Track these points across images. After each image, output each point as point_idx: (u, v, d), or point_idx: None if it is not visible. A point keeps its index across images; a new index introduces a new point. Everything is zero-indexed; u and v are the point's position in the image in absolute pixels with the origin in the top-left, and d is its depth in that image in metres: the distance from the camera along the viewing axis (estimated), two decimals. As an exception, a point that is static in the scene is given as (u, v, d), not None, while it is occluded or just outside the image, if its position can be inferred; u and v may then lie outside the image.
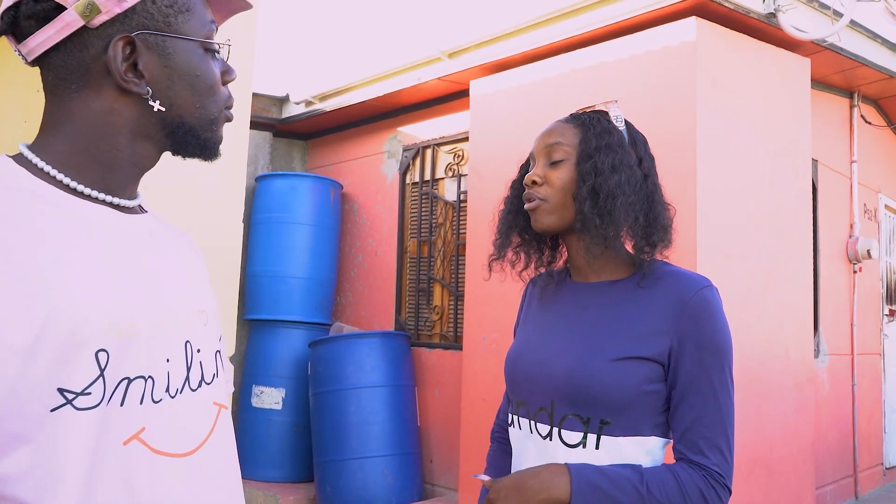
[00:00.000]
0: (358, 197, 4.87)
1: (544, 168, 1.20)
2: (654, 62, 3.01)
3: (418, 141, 4.50)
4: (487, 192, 3.61)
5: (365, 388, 3.87)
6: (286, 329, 4.38)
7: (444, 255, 4.28)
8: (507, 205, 1.29)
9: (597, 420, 1.11)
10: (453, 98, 4.24)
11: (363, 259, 4.79)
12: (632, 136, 1.21)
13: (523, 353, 1.23)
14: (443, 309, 4.26)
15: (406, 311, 4.48)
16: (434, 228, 4.35)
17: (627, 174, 1.15)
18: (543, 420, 1.15)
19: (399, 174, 4.59)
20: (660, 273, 1.16)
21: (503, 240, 1.27)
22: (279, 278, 4.37)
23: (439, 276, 4.29)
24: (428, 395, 4.18)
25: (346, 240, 4.89)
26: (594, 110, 1.22)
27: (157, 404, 0.76)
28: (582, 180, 1.15)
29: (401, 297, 4.53)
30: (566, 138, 1.20)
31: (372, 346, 3.96)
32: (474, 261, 3.67)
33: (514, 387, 1.24)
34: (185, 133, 0.83)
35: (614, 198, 1.13)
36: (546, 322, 1.25)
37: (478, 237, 3.64)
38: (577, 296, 1.23)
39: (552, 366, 1.16)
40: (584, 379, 1.12)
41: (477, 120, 3.74)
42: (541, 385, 1.17)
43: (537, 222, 1.19)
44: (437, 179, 4.39)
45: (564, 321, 1.21)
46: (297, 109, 4.93)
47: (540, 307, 1.29)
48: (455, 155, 4.27)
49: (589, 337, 1.16)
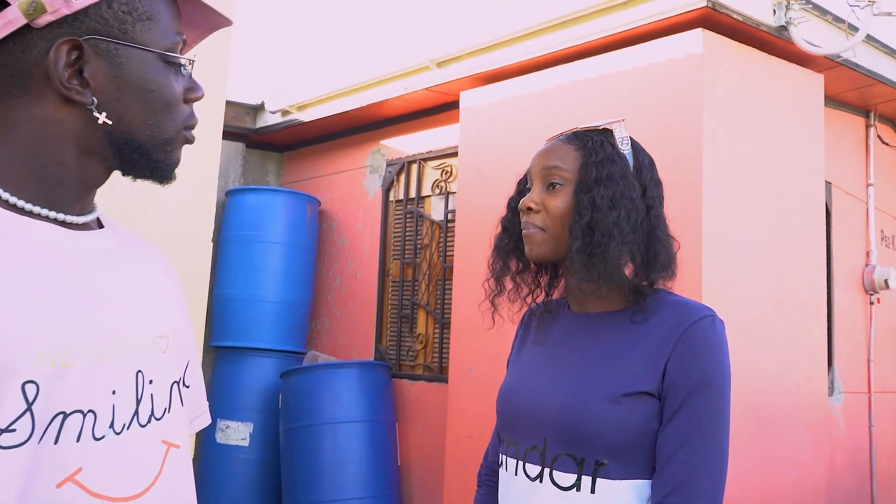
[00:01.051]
0: (337, 214, 4.85)
1: (541, 193, 1.20)
2: (658, 76, 3.03)
3: (403, 155, 4.50)
4: (477, 211, 3.61)
5: (341, 424, 3.85)
6: (256, 357, 4.37)
7: (429, 278, 4.27)
8: (506, 224, 1.29)
9: (592, 461, 1.10)
10: (442, 110, 4.25)
11: (341, 282, 4.77)
12: (638, 161, 1.22)
13: (516, 389, 1.23)
14: (427, 338, 4.26)
15: (387, 339, 4.47)
16: (419, 250, 4.34)
17: (628, 209, 1.16)
18: (534, 460, 1.15)
19: (382, 191, 4.58)
20: (661, 303, 1.18)
21: (502, 266, 1.28)
22: (249, 302, 4.38)
23: (424, 302, 4.28)
24: (410, 431, 4.16)
25: (324, 261, 4.88)
26: (598, 130, 1.22)
27: (98, 442, 0.73)
28: (578, 214, 1.16)
29: (382, 324, 4.52)
30: (565, 162, 1.20)
31: (349, 377, 3.96)
32: (462, 286, 3.66)
33: (505, 425, 1.24)
34: (134, 151, 0.81)
35: (609, 237, 1.14)
36: (541, 355, 1.25)
37: (466, 260, 3.65)
38: (574, 327, 1.23)
39: (545, 401, 1.16)
40: (579, 416, 1.12)
41: (467, 134, 3.75)
42: (533, 422, 1.17)
43: (531, 252, 1.20)
44: (423, 197, 4.40)
45: (560, 354, 1.22)
46: (272, 119, 4.94)
47: (536, 339, 1.29)
48: (443, 171, 4.27)
49: (585, 371, 1.16)
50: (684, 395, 1.09)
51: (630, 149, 1.22)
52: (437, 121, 4.34)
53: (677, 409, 1.09)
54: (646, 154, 1.24)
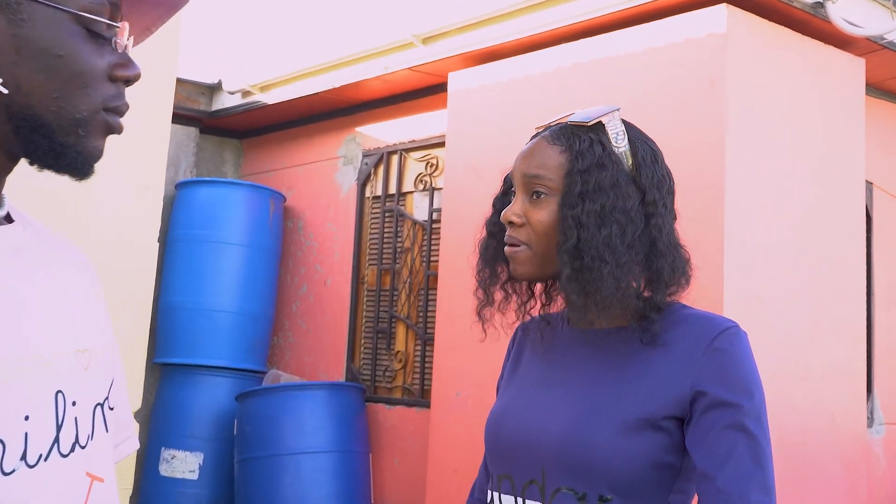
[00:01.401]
0: (304, 212, 4.86)
1: (524, 204, 1.21)
2: (675, 57, 3.03)
3: (382, 145, 4.51)
4: (467, 210, 3.61)
5: (306, 455, 3.85)
6: (207, 376, 4.36)
7: (410, 287, 4.28)
8: (491, 228, 1.30)
9: (595, 496, 1.12)
10: (427, 93, 4.24)
11: (308, 290, 4.78)
12: (636, 160, 1.21)
13: (509, 416, 1.24)
14: (407, 356, 4.28)
15: (361, 357, 4.49)
16: (399, 254, 4.35)
17: (621, 224, 1.16)
18: (534, 496, 1.16)
19: (357, 185, 4.60)
20: (676, 317, 1.19)
21: (490, 274, 1.28)
22: (200, 312, 4.38)
23: (404, 315, 4.29)
24: (385, 464, 4.17)
25: (288, 265, 4.89)
26: (588, 126, 1.22)
27: (7, 477, 0.71)
28: (563, 235, 1.17)
29: (354, 339, 4.53)
30: (549, 169, 1.21)
31: (316, 400, 3.96)
32: (448, 296, 3.65)
33: (496, 456, 1.24)
34: (34, 130, 0.77)
35: (601, 261, 1.14)
36: (538, 377, 1.26)
37: (453, 267, 3.64)
38: (577, 345, 1.24)
39: (544, 429, 1.17)
40: (581, 445, 1.13)
41: (456, 121, 3.75)
42: (530, 452, 1.18)
43: (515, 270, 1.21)
44: (404, 193, 4.40)
45: (561, 375, 1.23)
46: (231, 101, 4.94)
47: (531, 359, 1.30)
48: (427, 164, 4.28)
49: (590, 395, 1.17)
50: (720, 411, 1.10)
51: (626, 145, 1.21)
52: (421, 106, 4.33)
53: (715, 432, 1.10)
54: (647, 146, 1.24)
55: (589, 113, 1.23)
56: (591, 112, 1.23)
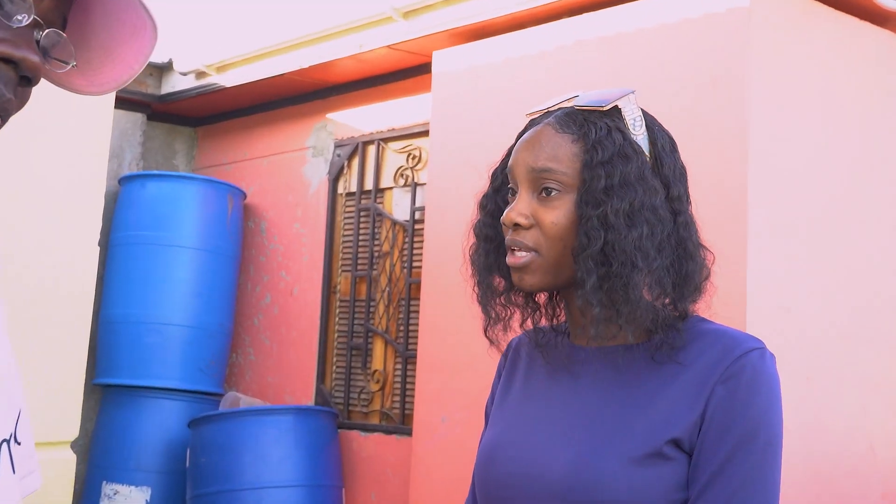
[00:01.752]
0: (267, 211, 4.84)
1: (531, 202, 1.20)
2: (692, 34, 3.02)
3: (357, 134, 4.50)
4: (454, 209, 3.55)
5: (270, 490, 3.82)
6: (155, 400, 4.32)
7: (389, 297, 4.27)
8: (481, 233, 1.30)
9: None
10: (408, 75, 4.23)
11: (272, 300, 4.76)
12: (656, 149, 1.21)
13: (503, 448, 1.24)
14: (386, 376, 4.26)
15: (333, 377, 4.47)
16: (376, 259, 4.35)
17: (651, 223, 1.16)
18: None
19: (328, 180, 4.58)
20: (694, 333, 1.19)
21: (485, 289, 1.27)
22: (148, 326, 4.35)
23: (382, 329, 4.27)
24: (361, 499, 4.14)
25: (249, 272, 4.87)
26: (602, 111, 1.21)
27: None
28: (586, 237, 1.16)
29: (325, 357, 4.51)
30: (561, 162, 1.19)
31: (282, 427, 3.93)
32: (433, 308, 3.63)
33: (488, 494, 1.23)
34: None
35: (632, 267, 1.14)
36: (536, 402, 1.25)
37: (439, 274, 3.61)
38: (579, 365, 1.24)
39: (545, 464, 1.17)
40: (590, 483, 1.13)
41: (441, 107, 3.73)
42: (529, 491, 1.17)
43: (522, 281, 1.20)
44: (382, 189, 4.39)
45: (561, 401, 1.22)
46: (184, 83, 4.90)
47: (527, 381, 1.29)
48: (409, 156, 4.27)
49: (598, 423, 1.17)
50: (727, 451, 1.11)
51: (644, 132, 1.21)
52: (401, 89, 4.30)
53: (717, 470, 1.11)
54: (665, 134, 1.24)
55: (601, 95, 1.22)
56: (603, 94, 1.22)
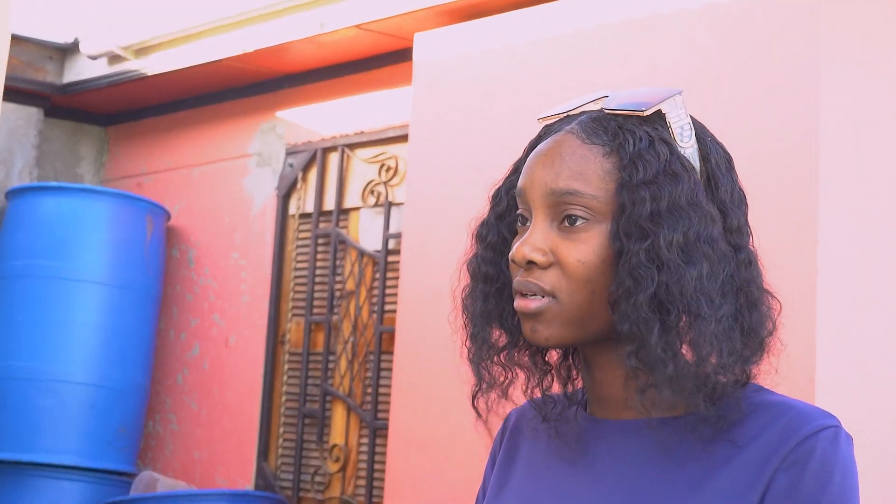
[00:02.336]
0: (198, 236, 4.82)
1: (550, 234, 1.21)
2: (746, 18, 3.04)
3: (315, 138, 4.51)
4: (439, 236, 3.56)
5: None
6: (48, 480, 4.31)
7: (353, 350, 4.28)
8: (478, 271, 1.31)
9: None
10: (383, 63, 4.24)
11: (202, 352, 4.75)
12: (708, 166, 1.24)
13: None
14: (348, 452, 4.26)
15: (279, 453, 4.46)
16: (338, 301, 4.36)
17: (711, 259, 1.18)
18: None
19: (277, 197, 4.58)
20: (750, 405, 1.20)
21: (480, 344, 1.29)
22: (41, 384, 4.37)
23: (344, 391, 4.28)
24: None
25: (172, 315, 4.86)
26: (641, 117, 1.23)
27: None
28: (631, 277, 1.17)
29: (270, 426, 4.50)
30: (590, 182, 1.20)
31: (212, 518, 4.00)
32: (409, 364, 3.63)
33: None
34: None
35: (697, 315, 1.16)
36: (541, 494, 1.27)
37: (419, 320, 3.60)
38: (601, 445, 1.25)
39: None
40: None
41: (425, 104, 3.75)
42: None
43: (536, 334, 1.22)
44: (346, 210, 4.41)
45: (574, 493, 1.24)
46: (92, 69, 4.92)
47: (529, 467, 1.32)
48: (383, 167, 4.29)
49: None
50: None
51: (694, 144, 1.23)
52: (374, 81, 4.31)
53: None
54: (719, 148, 1.26)
55: (639, 96, 1.24)
56: (642, 95, 1.24)
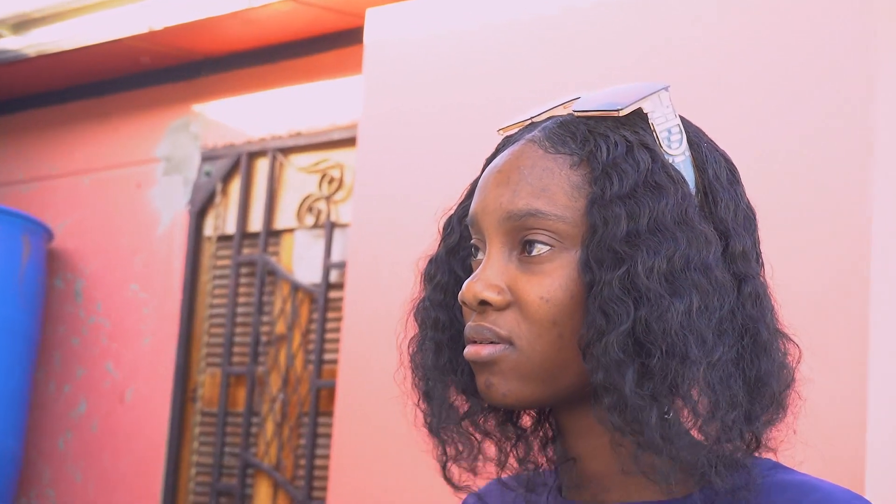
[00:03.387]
0: (88, 263, 4.96)
1: (506, 267, 1.22)
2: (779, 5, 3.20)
3: (239, 140, 4.64)
4: (395, 265, 3.54)
5: None
6: None
7: (284, 412, 4.39)
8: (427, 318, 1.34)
9: None
10: (326, 46, 4.37)
11: (90, 410, 4.85)
12: (704, 178, 1.23)
13: None
14: (273, 537, 4.43)
15: (187, 537, 4.64)
16: (264, 348, 4.48)
17: (703, 289, 1.17)
18: None
19: (190, 214, 4.70)
20: (764, 486, 1.19)
21: (438, 406, 1.31)
22: None
23: (270, 463, 4.39)
24: None
25: (53, 363, 5.00)
26: (616, 118, 1.22)
27: None
28: (602, 312, 1.17)
29: None
30: (555, 200, 1.21)
31: None
32: (354, 428, 3.72)
33: None
34: None
35: (683, 358, 1.15)
36: None
37: (366, 373, 3.64)
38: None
39: None
40: None
41: (378, 98, 3.87)
42: None
43: (491, 389, 1.22)
44: (278, 232, 4.54)
45: None
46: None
47: None
48: (324, 177, 4.40)
49: None
50: None
51: (685, 151, 1.22)
52: (314, 69, 4.43)
53: None
54: (718, 156, 1.26)
55: (614, 95, 1.25)
56: (617, 93, 1.24)
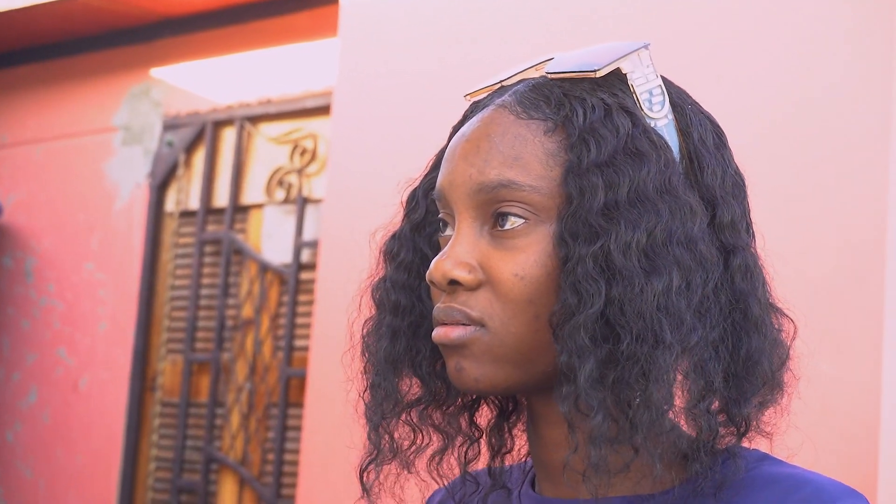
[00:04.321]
0: (39, 240, 5.01)
1: (477, 243, 1.19)
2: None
3: (204, 108, 4.64)
4: (364, 242, 3.37)
5: None
6: None
7: (250, 402, 4.40)
8: (385, 300, 1.30)
9: None
10: (298, 6, 4.38)
11: (42, 399, 4.88)
12: (689, 142, 1.19)
13: None
14: (238, 537, 4.46)
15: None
16: (230, 333, 4.49)
17: (686, 266, 1.13)
18: None
19: (150, 188, 4.69)
20: (752, 478, 1.17)
21: (382, 398, 1.27)
22: None
23: (235, 458, 4.40)
24: None
25: (1, 347, 5.02)
26: (592, 79, 1.18)
27: None
28: (574, 290, 1.13)
29: (133, 501, 4.59)
30: (528, 169, 1.16)
31: None
32: (324, 420, 3.72)
33: None
34: None
35: (657, 342, 1.11)
36: None
37: (338, 360, 3.42)
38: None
39: None
40: None
41: (354, 64, 3.90)
42: None
43: (462, 373, 1.18)
44: (245, 208, 4.55)
45: None
46: None
47: None
48: (296, 148, 4.41)
49: None
50: None
51: (668, 113, 1.17)
52: (286, 29, 4.46)
53: None
54: (704, 119, 1.21)
55: (591, 55, 1.19)
56: (595, 52, 1.19)
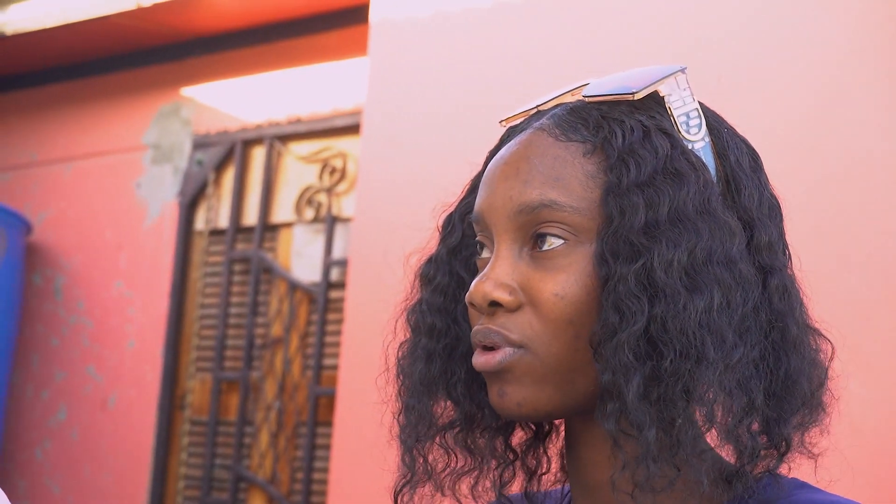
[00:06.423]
0: (69, 258, 4.95)
1: (517, 264, 1.20)
2: None
3: (233, 126, 4.64)
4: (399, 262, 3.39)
5: None
6: None
7: (279, 421, 4.39)
8: (421, 323, 1.32)
9: None
10: (329, 25, 4.36)
11: (71, 417, 4.84)
12: (726, 165, 1.21)
13: None
14: (268, 556, 4.44)
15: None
16: (259, 352, 4.48)
17: (726, 285, 1.14)
18: None
19: (180, 206, 4.67)
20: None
21: (416, 420, 1.29)
22: None
23: (265, 477, 4.39)
24: None
25: (31, 365, 5.01)
26: (630, 102, 1.21)
27: None
28: (616, 309, 1.14)
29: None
30: (569, 190, 1.18)
31: None
32: (353, 439, 3.73)
33: None
34: None
35: (699, 359, 1.12)
36: None
37: (367, 379, 3.64)
38: None
39: None
40: None
41: (384, 83, 3.87)
42: None
43: (506, 397, 1.20)
44: (275, 227, 4.53)
45: None
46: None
47: None
48: (325, 167, 4.40)
49: None
50: None
51: (706, 136, 1.20)
52: (316, 49, 4.44)
53: None
54: (740, 142, 1.23)
55: (629, 78, 1.22)
56: (632, 77, 1.21)
